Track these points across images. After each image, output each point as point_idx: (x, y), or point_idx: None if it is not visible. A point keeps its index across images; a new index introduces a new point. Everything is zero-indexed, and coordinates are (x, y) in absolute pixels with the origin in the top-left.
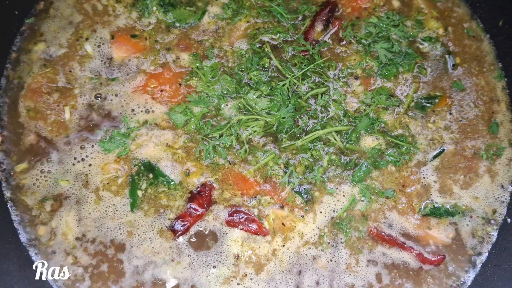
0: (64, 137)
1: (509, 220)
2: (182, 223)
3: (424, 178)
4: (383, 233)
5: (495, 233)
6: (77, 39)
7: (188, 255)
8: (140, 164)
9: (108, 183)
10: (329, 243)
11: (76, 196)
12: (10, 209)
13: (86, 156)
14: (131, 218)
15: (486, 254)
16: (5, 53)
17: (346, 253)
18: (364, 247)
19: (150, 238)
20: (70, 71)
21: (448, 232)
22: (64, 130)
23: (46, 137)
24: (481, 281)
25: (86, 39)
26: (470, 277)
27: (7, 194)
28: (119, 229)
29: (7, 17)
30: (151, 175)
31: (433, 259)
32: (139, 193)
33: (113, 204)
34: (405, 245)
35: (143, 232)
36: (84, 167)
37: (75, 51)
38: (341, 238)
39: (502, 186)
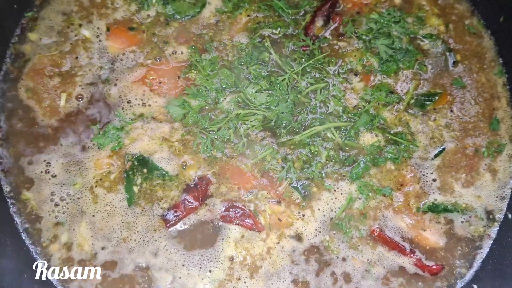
0: (58, 132)
1: (509, 215)
2: (175, 214)
3: (424, 176)
4: (386, 235)
5: (496, 229)
6: (68, 26)
7: (181, 257)
8: (133, 159)
9: (101, 179)
10: (335, 247)
11: (79, 199)
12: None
13: (85, 147)
14: (130, 218)
15: (487, 250)
16: (4, 46)
17: (347, 253)
18: (365, 247)
19: (149, 240)
20: (77, 58)
21: (444, 231)
22: (56, 117)
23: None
24: (481, 276)
25: (80, 25)
26: (470, 272)
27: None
28: (119, 228)
29: (6, 11)
30: (145, 170)
31: (432, 267)
32: (135, 188)
33: (110, 202)
34: (406, 250)
35: (141, 238)
36: (78, 164)
37: (73, 37)
38: (342, 239)
39: (503, 183)
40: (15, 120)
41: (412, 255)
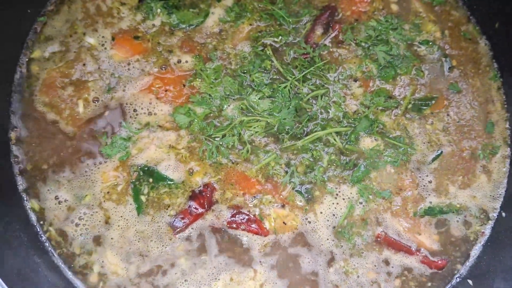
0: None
1: (503, 214)
2: (182, 220)
3: (421, 179)
4: (391, 237)
5: (490, 227)
6: (71, 35)
7: None
8: (139, 170)
9: (108, 192)
10: (353, 268)
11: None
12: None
13: (90, 162)
14: (141, 227)
15: (481, 247)
16: (18, 51)
17: (355, 262)
18: (371, 253)
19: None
20: (84, 65)
21: (439, 231)
22: (80, 124)
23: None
24: (476, 273)
25: (83, 33)
26: (465, 268)
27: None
28: (137, 239)
29: (19, 16)
30: (151, 179)
31: (438, 262)
32: (143, 198)
33: (121, 216)
34: (412, 249)
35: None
36: (85, 178)
37: (75, 46)
38: (347, 247)
39: (498, 183)
40: (39, 135)
41: (418, 252)
